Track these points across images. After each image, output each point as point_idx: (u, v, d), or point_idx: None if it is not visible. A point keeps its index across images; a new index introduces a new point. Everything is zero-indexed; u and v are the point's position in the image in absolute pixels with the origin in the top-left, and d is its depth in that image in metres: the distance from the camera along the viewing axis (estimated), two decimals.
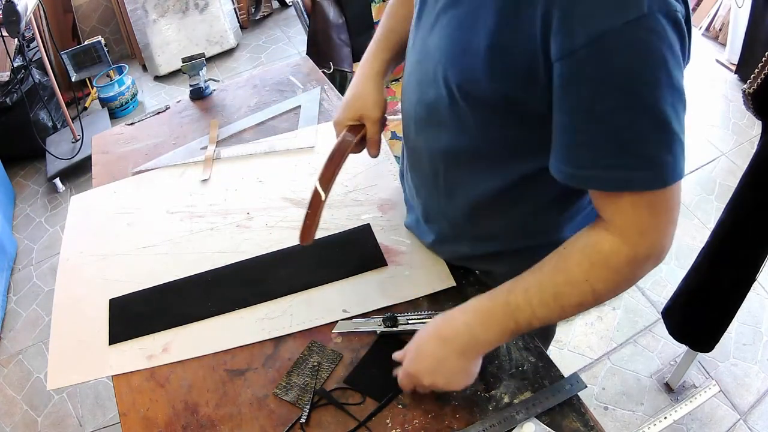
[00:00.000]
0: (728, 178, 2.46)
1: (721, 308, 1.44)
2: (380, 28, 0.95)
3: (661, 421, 1.66)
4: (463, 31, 0.65)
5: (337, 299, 0.97)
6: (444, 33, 0.68)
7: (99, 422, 1.88)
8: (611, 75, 0.55)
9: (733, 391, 1.76)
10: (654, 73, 0.55)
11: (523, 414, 0.78)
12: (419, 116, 0.79)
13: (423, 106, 0.77)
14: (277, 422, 0.82)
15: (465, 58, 0.65)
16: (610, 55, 0.54)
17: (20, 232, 2.64)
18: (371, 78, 0.90)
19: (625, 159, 0.59)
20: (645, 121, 0.57)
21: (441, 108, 0.73)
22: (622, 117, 0.57)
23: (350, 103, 0.90)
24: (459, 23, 0.66)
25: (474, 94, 0.67)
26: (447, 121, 0.74)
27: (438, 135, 0.77)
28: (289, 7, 3.94)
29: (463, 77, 0.67)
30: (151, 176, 1.29)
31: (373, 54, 0.93)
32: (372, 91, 0.89)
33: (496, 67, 0.62)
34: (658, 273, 2.11)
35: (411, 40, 0.81)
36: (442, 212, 0.89)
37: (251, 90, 1.51)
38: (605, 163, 0.60)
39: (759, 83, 1.08)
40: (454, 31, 0.67)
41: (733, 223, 1.31)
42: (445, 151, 0.78)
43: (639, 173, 0.59)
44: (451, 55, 0.67)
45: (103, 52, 2.97)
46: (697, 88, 2.96)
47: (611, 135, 0.58)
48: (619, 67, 0.54)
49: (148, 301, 1.02)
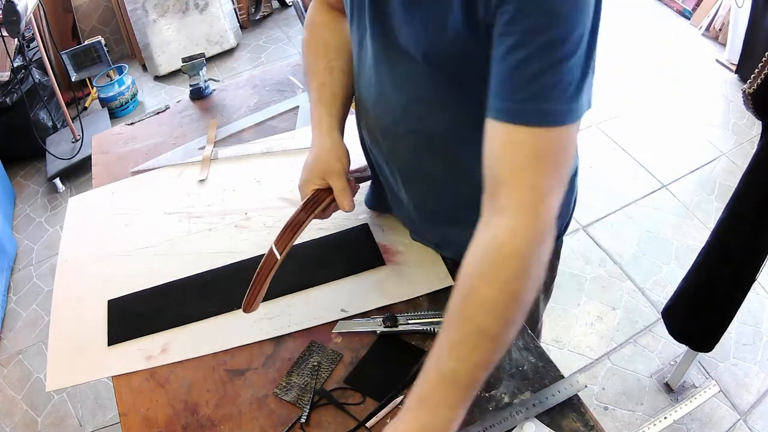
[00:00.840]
0: (728, 178, 2.46)
1: (721, 308, 1.44)
2: (311, 84, 0.93)
3: (661, 421, 1.66)
4: (432, 16, 0.66)
5: (336, 299, 0.97)
6: (417, 23, 0.69)
7: (99, 422, 1.88)
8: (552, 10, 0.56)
9: (733, 391, 1.76)
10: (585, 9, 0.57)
11: (523, 414, 0.78)
12: (409, 114, 0.79)
13: (411, 102, 0.77)
14: (277, 422, 0.82)
15: (445, 39, 0.66)
16: None
17: (20, 232, 2.64)
18: (326, 135, 0.88)
19: (558, 91, 0.58)
20: (579, 52, 0.58)
21: (431, 95, 0.74)
22: (562, 49, 0.57)
23: (310, 165, 0.88)
24: (428, 11, 0.66)
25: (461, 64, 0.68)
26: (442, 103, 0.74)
27: (434, 120, 0.78)
28: (289, 7, 3.94)
29: (447, 50, 0.67)
30: (149, 177, 1.29)
31: (318, 112, 0.90)
32: (330, 147, 0.87)
33: (470, 37, 0.64)
34: (658, 273, 2.11)
35: (360, 58, 0.82)
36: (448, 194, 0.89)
37: (251, 90, 1.51)
38: (540, 95, 0.59)
39: (759, 83, 1.08)
40: (428, 16, 0.67)
41: (733, 223, 1.31)
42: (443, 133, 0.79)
43: (571, 105, 0.59)
44: (433, 38, 0.68)
45: (103, 52, 2.97)
46: (697, 88, 2.97)
47: (554, 67, 0.58)
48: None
49: (146, 301, 1.02)
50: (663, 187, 2.45)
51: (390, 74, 0.78)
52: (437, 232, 0.98)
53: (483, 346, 0.62)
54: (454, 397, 0.63)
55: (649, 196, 2.42)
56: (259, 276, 0.84)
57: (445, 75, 0.71)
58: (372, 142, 0.91)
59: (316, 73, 0.92)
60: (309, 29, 0.95)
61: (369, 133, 0.90)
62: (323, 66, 0.91)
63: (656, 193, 2.43)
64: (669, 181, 2.47)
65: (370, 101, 0.84)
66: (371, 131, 0.89)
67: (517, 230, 0.60)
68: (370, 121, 0.87)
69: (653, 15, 3.57)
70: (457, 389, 0.63)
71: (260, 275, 0.84)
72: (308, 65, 0.94)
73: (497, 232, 0.62)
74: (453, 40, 0.65)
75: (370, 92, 0.83)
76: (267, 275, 0.84)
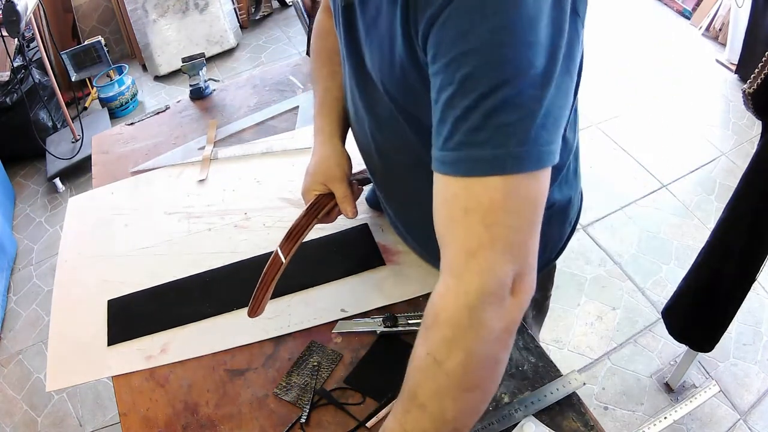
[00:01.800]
0: (728, 178, 2.46)
1: (721, 308, 1.44)
2: (315, 90, 0.94)
3: (661, 421, 1.66)
4: (383, 43, 0.62)
5: (336, 299, 0.97)
6: (374, 48, 0.66)
7: (99, 422, 1.88)
8: (467, 34, 0.48)
9: (733, 391, 1.76)
10: (531, 28, 0.48)
11: (522, 412, 0.78)
12: (376, 136, 0.79)
13: (379, 125, 0.76)
14: (277, 422, 0.82)
15: (394, 71, 0.62)
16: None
17: (20, 232, 2.64)
18: (327, 142, 0.89)
19: (492, 133, 0.49)
20: (518, 85, 0.48)
21: (393, 121, 0.71)
22: (487, 81, 0.48)
23: (312, 172, 0.88)
24: (380, 37, 0.63)
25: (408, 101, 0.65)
26: (401, 132, 0.71)
27: (396, 145, 0.76)
28: (289, 7, 3.94)
29: (397, 81, 0.63)
30: (148, 177, 1.29)
31: (320, 119, 0.91)
32: (331, 154, 0.87)
33: (414, 73, 0.59)
34: (658, 273, 2.11)
35: (345, 74, 0.81)
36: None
37: (251, 90, 1.51)
38: (471, 140, 0.50)
39: (759, 83, 1.08)
40: (381, 50, 0.63)
41: (733, 223, 1.31)
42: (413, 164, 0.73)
43: (509, 149, 0.49)
44: (384, 67, 0.64)
45: (103, 52, 2.97)
46: (697, 88, 2.97)
47: (478, 105, 0.49)
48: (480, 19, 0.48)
49: (146, 301, 1.02)
50: (663, 187, 2.45)
51: (361, 96, 0.77)
52: (423, 243, 0.96)
53: (413, 413, 0.57)
54: None
55: (649, 196, 2.42)
56: (265, 280, 0.84)
57: (399, 106, 0.68)
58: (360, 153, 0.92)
59: (320, 78, 0.93)
60: (315, 36, 0.97)
61: (356, 146, 0.91)
62: (327, 72, 0.92)
63: (656, 193, 2.43)
64: (669, 181, 2.47)
65: (353, 118, 0.85)
66: (357, 144, 0.90)
67: (446, 295, 0.53)
68: (354, 134, 0.88)
69: (653, 15, 3.57)
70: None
71: (265, 279, 0.84)
72: (313, 71, 0.95)
73: (434, 294, 0.55)
74: (399, 71, 0.61)
75: (350, 108, 0.84)
76: (272, 279, 0.84)
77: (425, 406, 0.55)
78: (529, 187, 0.51)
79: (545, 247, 0.89)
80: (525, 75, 0.47)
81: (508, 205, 0.50)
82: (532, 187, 0.51)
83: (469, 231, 0.51)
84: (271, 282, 0.84)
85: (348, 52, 0.74)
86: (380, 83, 0.67)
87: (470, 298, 0.51)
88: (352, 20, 0.68)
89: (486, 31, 0.47)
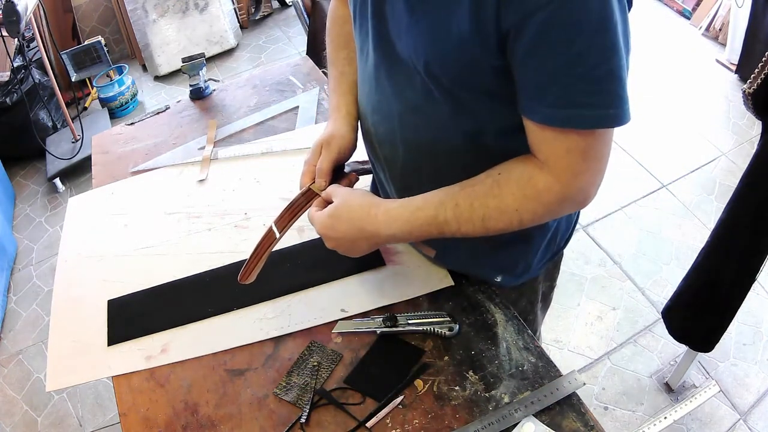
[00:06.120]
0: (728, 178, 2.46)
1: (721, 308, 1.44)
2: (331, 73, 0.97)
3: (661, 421, 1.66)
4: (435, 21, 0.67)
5: (336, 299, 0.97)
6: (421, 28, 0.69)
7: (99, 422, 1.88)
8: (580, 20, 0.60)
9: (733, 391, 1.76)
10: (613, 15, 0.61)
11: (521, 412, 0.78)
12: (405, 124, 0.80)
13: (408, 111, 0.78)
14: (277, 422, 0.82)
15: (448, 47, 0.67)
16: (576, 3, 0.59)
17: (20, 232, 2.64)
18: (342, 118, 0.91)
19: (599, 97, 0.64)
20: (614, 60, 0.63)
21: (428, 104, 0.75)
22: (594, 57, 0.62)
23: (318, 140, 0.90)
24: (431, 16, 0.67)
25: (462, 79, 0.70)
26: (437, 115, 0.75)
27: (428, 131, 0.78)
28: (289, 7, 3.94)
29: (450, 58, 0.68)
30: (148, 177, 1.29)
31: (336, 99, 0.94)
32: (337, 132, 0.90)
33: (477, 46, 0.65)
34: (659, 273, 2.11)
35: (361, 65, 0.84)
36: None
37: (251, 90, 1.51)
38: (581, 102, 0.63)
39: (759, 83, 1.08)
40: (432, 27, 0.68)
41: (733, 223, 1.31)
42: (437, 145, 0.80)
43: (610, 111, 0.64)
44: (435, 49, 0.68)
45: (103, 52, 2.97)
46: (697, 88, 2.97)
47: (587, 75, 0.63)
48: (586, 12, 0.59)
49: (146, 301, 1.02)
50: (663, 187, 2.45)
51: (390, 82, 0.78)
52: (433, 242, 0.96)
53: (476, 226, 0.74)
54: (428, 234, 0.76)
55: (649, 196, 2.42)
56: (258, 251, 0.88)
57: (442, 87, 0.72)
58: (369, 149, 0.93)
59: (336, 62, 0.96)
60: (331, 21, 1.00)
61: (366, 140, 0.92)
62: (344, 56, 0.95)
63: (656, 193, 2.43)
64: (669, 181, 2.47)
65: (369, 109, 0.86)
66: (368, 138, 0.90)
67: (551, 190, 0.70)
68: (369, 128, 0.88)
69: (653, 15, 3.57)
70: (435, 232, 0.76)
71: (258, 251, 0.87)
72: (329, 54, 0.98)
73: (538, 185, 0.70)
74: (457, 46, 0.66)
75: (370, 99, 0.85)
76: (265, 250, 0.87)
77: (488, 230, 0.74)
78: (611, 134, 0.69)
79: (555, 237, 0.96)
80: (620, 54, 0.63)
81: (598, 147, 0.68)
82: (612, 135, 0.69)
83: (572, 161, 0.68)
84: (263, 253, 0.87)
85: (377, 40, 0.76)
86: (423, 65, 0.71)
87: (566, 200, 0.71)
88: (382, 8, 0.73)
89: (593, 20, 0.60)
